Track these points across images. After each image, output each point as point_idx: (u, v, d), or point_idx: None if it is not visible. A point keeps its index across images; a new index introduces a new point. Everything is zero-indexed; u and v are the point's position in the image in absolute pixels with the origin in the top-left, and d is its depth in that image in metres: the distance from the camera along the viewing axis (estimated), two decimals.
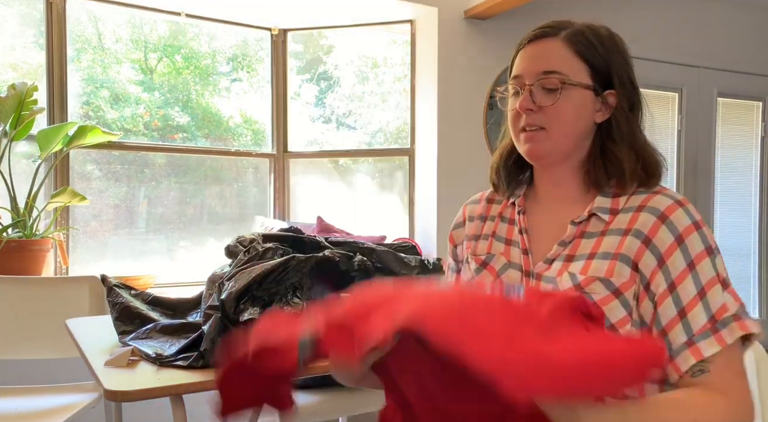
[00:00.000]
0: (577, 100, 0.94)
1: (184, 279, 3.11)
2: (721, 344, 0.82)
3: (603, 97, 0.96)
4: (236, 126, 3.42)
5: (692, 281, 0.85)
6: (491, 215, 1.10)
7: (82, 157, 2.97)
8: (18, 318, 2.05)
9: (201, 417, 2.55)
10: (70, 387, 2.01)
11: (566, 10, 3.56)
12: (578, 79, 0.94)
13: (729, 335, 0.82)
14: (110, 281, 1.56)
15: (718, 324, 0.83)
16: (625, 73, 0.98)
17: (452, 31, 3.35)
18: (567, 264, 0.93)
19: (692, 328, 0.84)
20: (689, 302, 0.84)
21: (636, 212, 0.91)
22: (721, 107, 4.37)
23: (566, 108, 0.94)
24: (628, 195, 0.94)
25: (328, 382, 1.91)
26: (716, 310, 0.83)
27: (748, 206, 4.54)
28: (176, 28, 3.27)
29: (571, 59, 0.95)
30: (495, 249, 1.05)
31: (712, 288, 0.84)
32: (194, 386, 1.13)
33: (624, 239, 0.90)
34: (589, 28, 1.00)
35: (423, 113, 3.42)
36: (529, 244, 1.00)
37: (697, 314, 0.84)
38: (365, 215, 3.56)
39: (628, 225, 0.91)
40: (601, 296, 0.88)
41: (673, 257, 0.86)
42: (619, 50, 0.98)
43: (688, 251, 0.86)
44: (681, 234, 0.87)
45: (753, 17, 4.45)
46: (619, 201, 0.94)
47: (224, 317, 1.23)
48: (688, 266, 0.85)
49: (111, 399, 1.08)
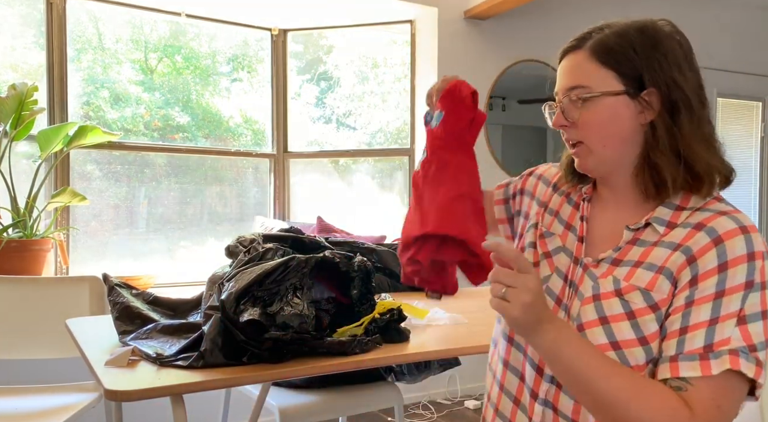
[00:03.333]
0: (605, 109, 0.93)
1: (184, 279, 3.11)
2: (705, 372, 0.80)
3: (641, 99, 0.92)
4: (236, 126, 3.42)
5: (711, 307, 0.83)
6: (561, 190, 1.10)
7: (83, 157, 2.97)
8: (18, 318, 2.05)
9: (201, 417, 2.56)
10: (70, 387, 2.02)
11: (566, 11, 3.56)
12: (605, 88, 0.93)
13: (717, 366, 0.80)
14: (111, 280, 1.56)
15: (711, 354, 0.81)
16: (662, 71, 0.91)
17: (452, 31, 3.35)
18: (613, 268, 0.93)
19: (684, 347, 0.83)
20: (696, 324, 0.83)
21: (693, 229, 0.88)
22: (721, 107, 4.37)
23: (595, 119, 0.93)
24: (692, 210, 0.90)
25: (329, 382, 1.91)
26: (717, 340, 0.82)
27: (749, 206, 4.54)
28: (176, 29, 3.27)
29: (596, 69, 0.94)
30: (555, 229, 1.05)
31: (726, 320, 0.82)
32: (194, 386, 1.13)
33: (672, 254, 0.88)
34: (617, 33, 0.96)
35: (423, 113, 3.43)
36: (586, 233, 1.00)
37: (696, 337, 0.83)
38: (365, 215, 3.56)
39: (681, 241, 0.88)
40: (639, 306, 0.88)
41: (708, 281, 0.84)
42: (655, 48, 0.93)
43: (726, 281, 0.83)
44: (728, 262, 0.84)
45: (753, 17, 4.45)
46: (680, 215, 0.91)
47: (224, 317, 1.23)
48: (716, 293, 0.83)
49: (111, 399, 1.08)
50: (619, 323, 0.88)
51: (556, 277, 1.00)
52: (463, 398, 3.40)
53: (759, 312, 0.82)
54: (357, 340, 1.31)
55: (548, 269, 1.01)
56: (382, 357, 1.31)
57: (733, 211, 0.89)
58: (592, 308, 0.91)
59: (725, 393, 0.81)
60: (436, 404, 3.33)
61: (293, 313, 1.24)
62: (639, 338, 0.86)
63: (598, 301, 0.91)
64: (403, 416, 2.00)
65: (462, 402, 3.36)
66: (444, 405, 3.32)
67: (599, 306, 0.91)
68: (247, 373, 1.18)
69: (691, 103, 0.92)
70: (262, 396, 1.66)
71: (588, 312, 0.92)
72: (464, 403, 3.33)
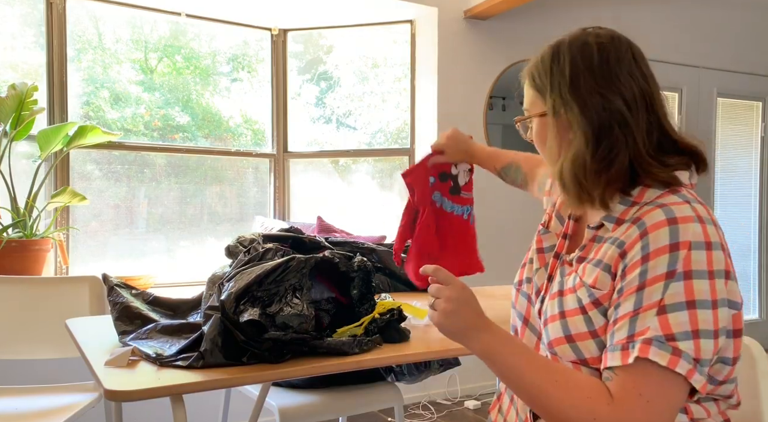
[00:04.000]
0: (538, 129, 1.03)
1: (184, 279, 3.11)
2: (623, 361, 0.83)
3: (561, 116, 0.97)
4: (236, 126, 3.42)
5: (634, 299, 0.85)
6: None
7: (82, 157, 2.97)
8: (18, 318, 2.05)
9: (201, 417, 2.56)
10: (70, 387, 2.01)
11: (566, 11, 3.56)
12: (534, 111, 1.03)
13: (631, 355, 0.83)
14: (111, 280, 1.55)
15: (630, 343, 0.84)
16: (558, 87, 0.96)
17: (452, 31, 3.35)
18: (577, 266, 0.98)
19: (614, 338, 0.87)
20: (622, 316, 0.86)
21: (631, 224, 0.90)
22: (721, 107, 4.37)
23: (535, 138, 1.05)
24: (642, 204, 0.92)
25: (329, 382, 1.91)
26: (637, 331, 0.84)
27: (748, 206, 4.54)
28: (176, 29, 3.27)
29: (530, 94, 1.04)
30: (554, 228, 1.11)
31: (646, 311, 0.84)
32: (194, 386, 1.13)
33: (611, 249, 0.91)
34: (539, 58, 1.02)
35: (423, 113, 3.43)
36: (572, 231, 1.06)
37: (622, 328, 0.86)
38: (365, 215, 3.56)
39: (621, 235, 0.91)
40: (586, 301, 0.92)
41: (632, 274, 0.86)
42: (557, 68, 0.97)
43: (647, 272, 0.85)
44: (649, 254, 0.85)
45: (753, 17, 4.45)
46: (629, 211, 0.93)
47: (224, 317, 1.23)
48: (638, 286, 0.85)
49: (111, 399, 1.08)
50: (574, 317, 0.93)
51: (543, 271, 1.07)
52: (463, 398, 3.40)
53: (683, 302, 0.83)
54: (357, 340, 1.31)
55: (538, 264, 1.09)
56: (382, 357, 1.31)
57: (675, 203, 0.89)
58: (555, 304, 0.97)
59: (644, 382, 0.83)
60: (436, 404, 3.33)
61: (293, 313, 1.24)
62: (590, 331, 0.91)
63: (560, 297, 0.97)
64: (403, 416, 2.00)
65: (462, 402, 3.36)
66: (444, 405, 3.32)
67: (560, 302, 0.96)
68: (247, 373, 1.18)
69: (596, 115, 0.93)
70: (262, 396, 1.66)
71: (552, 307, 0.98)
72: (464, 403, 3.33)
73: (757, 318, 4.58)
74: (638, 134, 0.93)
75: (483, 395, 3.47)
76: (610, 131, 0.92)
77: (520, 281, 1.12)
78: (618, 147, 0.92)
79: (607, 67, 0.95)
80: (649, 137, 0.94)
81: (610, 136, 0.92)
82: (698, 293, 0.83)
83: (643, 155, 0.92)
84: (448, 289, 0.94)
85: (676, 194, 0.91)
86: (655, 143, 0.94)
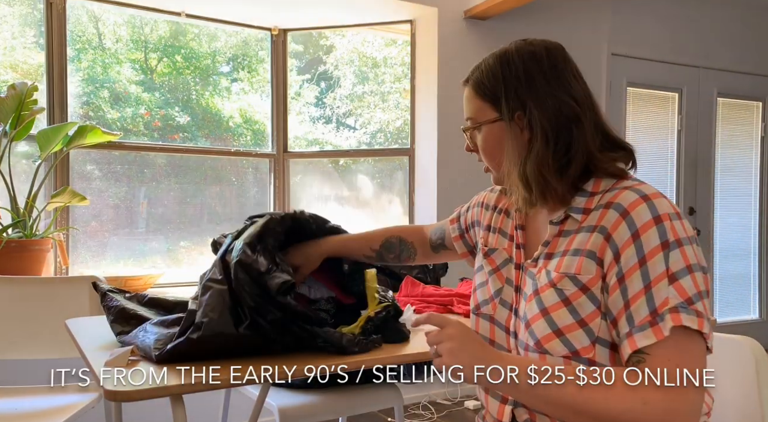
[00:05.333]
0: (489, 136, 1.05)
1: (184, 279, 3.11)
2: (658, 336, 0.84)
3: (516, 120, 1.01)
4: (236, 126, 3.42)
5: (640, 275, 0.87)
6: (499, 208, 1.19)
7: (82, 157, 2.97)
8: (18, 318, 2.05)
9: (201, 417, 2.56)
10: (70, 387, 2.01)
11: (566, 11, 3.56)
12: (484, 118, 1.05)
13: (665, 327, 0.84)
14: (102, 287, 1.53)
15: (657, 317, 0.85)
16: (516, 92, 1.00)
17: (452, 32, 3.35)
18: (546, 262, 1.00)
19: (634, 320, 0.87)
20: (634, 295, 0.87)
21: (605, 209, 0.94)
22: (721, 107, 4.37)
23: (484, 145, 1.07)
24: (602, 193, 0.97)
25: (328, 382, 1.91)
26: (659, 304, 0.85)
27: (748, 206, 4.54)
28: (176, 28, 3.27)
29: (477, 103, 1.07)
30: (500, 244, 1.14)
31: (658, 283, 0.86)
32: (194, 386, 1.13)
33: (591, 236, 0.94)
34: (486, 66, 1.06)
35: (423, 113, 3.43)
36: (524, 240, 1.09)
37: (640, 307, 0.87)
38: (365, 215, 3.56)
39: (597, 222, 0.94)
40: (571, 291, 0.94)
41: (627, 252, 0.89)
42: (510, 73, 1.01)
43: (642, 247, 0.88)
44: (638, 230, 0.89)
45: (753, 17, 4.45)
46: (593, 200, 0.97)
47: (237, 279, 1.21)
48: (639, 261, 0.88)
49: (111, 399, 1.08)
50: (558, 311, 0.94)
51: (507, 287, 1.08)
52: (463, 398, 3.40)
53: (684, 268, 0.87)
54: (357, 340, 1.31)
55: (499, 283, 1.10)
56: (382, 357, 1.31)
57: (636, 184, 0.95)
58: (533, 304, 0.98)
59: (679, 350, 0.85)
60: (436, 404, 3.33)
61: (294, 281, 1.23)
62: (578, 321, 0.93)
63: (537, 296, 0.98)
64: (403, 416, 2.00)
65: (462, 402, 3.36)
66: (444, 405, 3.32)
67: (539, 300, 0.97)
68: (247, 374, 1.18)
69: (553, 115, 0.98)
70: (262, 396, 1.66)
71: (531, 308, 0.98)
72: (464, 403, 3.33)
73: (757, 318, 4.57)
74: (589, 131, 0.99)
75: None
76: (568, 130, 0.98)
77: (477, 306, 1.13)
78: (575, 145, 0.98)
79: (557, 70, 1.01)
80: (596, 135, 1.00)
81: (568, 135, 0.98)
82: (690, 258, 0.88)
83: (594, 152, 0.98)
84: (447, 329, 0.94)
85: (629, 180, 0.98)
86: (600, 140, 1.00)
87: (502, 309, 1.07)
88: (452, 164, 3.30)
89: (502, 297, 1.08)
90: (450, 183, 3.30)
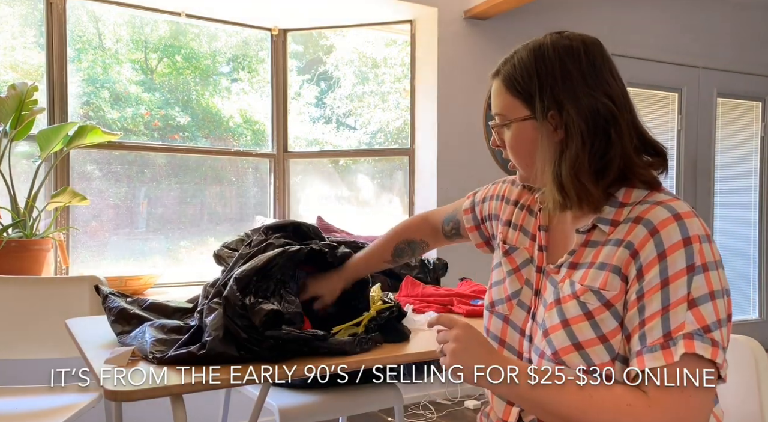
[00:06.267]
0: (519, 134, 1.00)
1: (184, 279, 3.11)
2: (668, 360, 0.83)
3: (549, 119, 0.96)
4: (236, 126, 3.42)
5: (660, 296, 0.85)
6: (521, 204, 1.15)
7: (83, 157, 2.97)
8: (18, 318, 2.05)
9: (201, 417, 2.56)
10: (70, 387, 2.01)
11: (566, 11, 3.56)
12: (515, 115, 0.99)
13: (676, 352, 0.82)
14: (104, 290, 1.54)
15: (671, 341, 0.83)
16: (552, 91, 0.95)
17: (452, 32, 3.35)
18: (571, 272, 0.96)
19: (647, 340, 0.85)
20: (651, 315, 0.85)
21: (633, 224, 0.91)
22: (720, 107, 4.37)
23: (514, 143, 1.01)
24: (633, 205, 0.93)
25: (328, 382, 1.91)
26: (674, 327, 0.83)
27: (748, 206, 4.54)
28: (177, 29, 3.27)
29: (507, 99, 1.00)
30: (520, 242, 1.10)
31: (677, 307, 0.84)
32: (194, 386, 1.13)
33: (618, 250, 0.91)
34: (518, 61, 0.99)
35: (423, 113, 3.43)
36: (546, 241, 1.05)
37: (654, 328, 0.85)
38: (365, 215, 3.56)
39: (624, 236, 0.91)
40: (594, 306, 0.91)
41: (651, 271, 0.87)
42: (546, 70, 0.96)
43: (667, 268, 0.86)
44: (665, 250, 0.86)
45: (753, 17, 4.45)
46: (622, 211, 0.93)
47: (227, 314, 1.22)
48: (662, 282, 0.86)
49: (111, 399, 1.08)
50: (579, 324, 0.91)
51: (527, 288, 1.05)
52: (463, 398, 3.40)
53: (706, 294, 0.85)
54: (358, 339, 1.31)
55: (518, 284, 1.06)
56: (382, 357, 1.31)
57: (670, 200, 0.91)
58: (554, 313, 0.95)
59: (687, 377, 0.83)
60: (436, 404, 3.33)
61: (295, 311, 1.24)
62: (599, 336, 0.90)
63: (559, 305, 0.95)
64: (403, 416, 2.00)
65: (462, 402, 3.36)
66: (444, 405, 3.32)
67: (560, 310, 0.94)
68: (247, 374, 1.18)
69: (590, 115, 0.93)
70: (262, 396, 1.66)
71: (551, 317, 0.95)
72: (464, 403, 3.33)
73: (757, 318, 4.57)
74: (626, 134, 0.94)
75: (483, 395, 3.47)
76: (605, 132, 0.93)
77: (492, 303, 1.10)
78: (613, 148, 0.93)
79: (595, 68, 0.95)
80: (632, 137, 0.95)
81: (605, 137, 0.93)
82: (714, 284, 0.85)
83: (631, 155, 0.94)
84: (454, 330, 0.94)
85: (662, 193, 0.93)
86: (636, 144, 0.96)
87: (520, 311, 1.05)
88: (452, 164, 3.30)
89: (520, 299, 1.05)
90: (450, 183, 3.30)
